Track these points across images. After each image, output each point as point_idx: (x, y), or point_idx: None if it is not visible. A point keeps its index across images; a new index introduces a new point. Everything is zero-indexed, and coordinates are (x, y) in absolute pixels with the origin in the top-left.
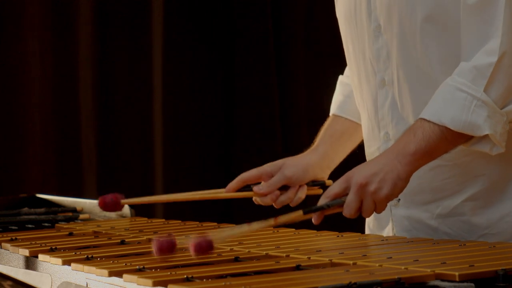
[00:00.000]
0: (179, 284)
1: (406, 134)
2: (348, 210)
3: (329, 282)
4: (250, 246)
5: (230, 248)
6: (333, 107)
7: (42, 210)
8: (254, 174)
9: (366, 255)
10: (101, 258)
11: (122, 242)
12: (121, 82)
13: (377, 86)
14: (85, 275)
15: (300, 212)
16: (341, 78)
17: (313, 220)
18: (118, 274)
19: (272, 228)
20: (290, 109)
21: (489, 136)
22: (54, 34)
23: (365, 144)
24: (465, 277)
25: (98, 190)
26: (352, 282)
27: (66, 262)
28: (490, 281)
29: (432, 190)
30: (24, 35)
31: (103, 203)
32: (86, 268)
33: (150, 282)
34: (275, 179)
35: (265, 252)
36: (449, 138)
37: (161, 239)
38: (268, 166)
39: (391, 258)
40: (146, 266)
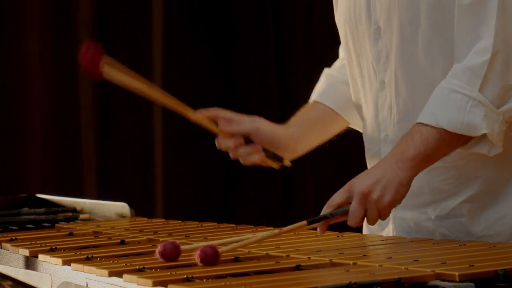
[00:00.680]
0: (179, 284)
1: (404, 140)
2: (353, 219)
3: (329, 282)
4: (250, 246)
5: None
6: (314, 94)
7: (42, 210)
8: (230, 114)
9: (366, 255)
10: (101, 258)
11: (122, 242)
12: None
13: (378, 88)
14: (85, 275)
15: (304, 222)
16: (327, 70)
17: (318, 230)
18: (118, 274)
19: (271, 228)
20: (290, 109)
21: (487, 135)
22: (54, 34)
23: (365, 148)
24: (465, 277)
25: (98, 190)
26: (352, 282)
27: (66, 262)
28: (490, 281)
29: (429, 192)
30: (24, 35)
31: (85, 62)
32: (86, 268)
33: (150, 282)
34: (245, 124)
35: (265, 252)
36: (447, 140)
37: (166, 245)
38: (245, 116)
39: (391, 258)
40: (146, 266)
